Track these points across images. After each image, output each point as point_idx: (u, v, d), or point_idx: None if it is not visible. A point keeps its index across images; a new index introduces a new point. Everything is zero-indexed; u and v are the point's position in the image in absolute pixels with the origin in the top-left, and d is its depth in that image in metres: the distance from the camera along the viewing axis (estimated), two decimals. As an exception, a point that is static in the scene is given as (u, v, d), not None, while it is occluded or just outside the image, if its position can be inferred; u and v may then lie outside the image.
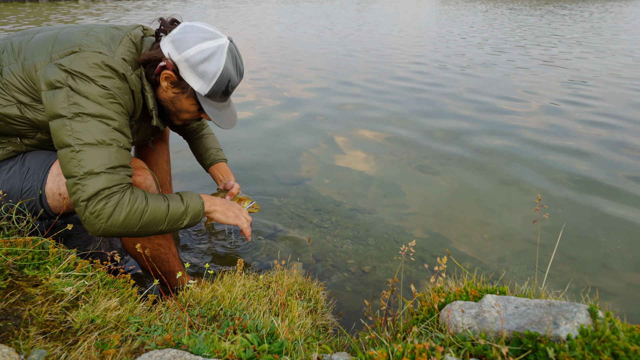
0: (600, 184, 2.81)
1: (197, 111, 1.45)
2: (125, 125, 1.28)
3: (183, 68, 1.31)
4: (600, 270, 2.00)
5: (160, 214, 1.27)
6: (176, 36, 1.31)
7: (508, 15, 17.04)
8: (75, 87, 1.18)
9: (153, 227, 1.28)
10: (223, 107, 1.45)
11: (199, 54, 1.29)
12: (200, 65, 1.30)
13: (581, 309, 0.84)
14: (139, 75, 1.34)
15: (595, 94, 5.10)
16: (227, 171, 1.94)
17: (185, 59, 1.29)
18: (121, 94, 1.26)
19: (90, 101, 1.19)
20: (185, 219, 1.34)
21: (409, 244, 1.20)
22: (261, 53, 7.86)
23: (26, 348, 0.87)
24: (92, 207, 1.17)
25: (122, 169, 1.23)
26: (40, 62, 1.24)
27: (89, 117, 1.18)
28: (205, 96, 1.37)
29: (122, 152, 1.24)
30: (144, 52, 1.35)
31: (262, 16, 15.53)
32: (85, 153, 1.17)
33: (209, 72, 1.31)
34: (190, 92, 1.36)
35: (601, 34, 11.27)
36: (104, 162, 1.19)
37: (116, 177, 1.21)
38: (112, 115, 1.23)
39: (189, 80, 1.33)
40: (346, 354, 1.00)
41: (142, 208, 1.23)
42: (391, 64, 6.97)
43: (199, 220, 1.39)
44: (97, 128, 1.19)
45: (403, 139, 3.65)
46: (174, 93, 1.38)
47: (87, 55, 1.21)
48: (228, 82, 1.36)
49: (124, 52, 1.30)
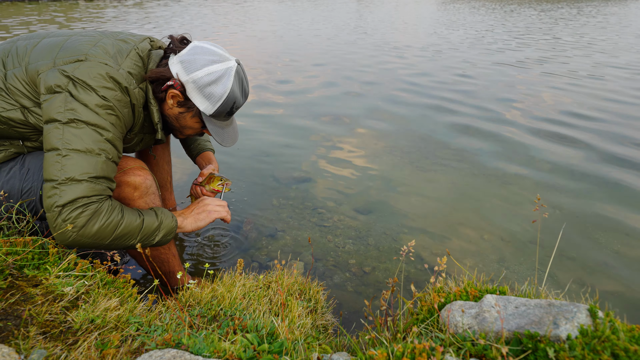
0: (600, 184, 2.81)
1: (201, 128, 1.48)
2: (118, 139, 1.28)
3: (190, 89, 1.33)
4: (600, 270, 2.00)
5: (134, 228, 1.26)
6: (185, 57, 1.33)
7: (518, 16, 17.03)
8: (75, 94, 1.18)
9: (125, 240, 1.26)
10: (226, 125, 1.48)
11: (207, 77, 1.31)
12: (207, 87, 1.32)
13: (581, 309, 0.84)
14: (144, 89, 1.35)
15: (591, 92, 5.10)
16: (210, 159, 1.94)
17: (193, 80, 1.31)
18: (120, 106, 1.26)
19: (87, 109, 1.19)
20: (157, 234, 1.33)
21: (408, 244, 1.20)
22: (261, 51, 7.87)
23: (26, 348, 0.87)
24: (67, 214, 1.14)
25: (105, 180, 1.22)
26: (43, 67, 1.24)
27: (83, 124, 1.18)
28: (210, 116, 1.40)
29: (109, 164, 1.23)
30: (151, 67, 1.37)
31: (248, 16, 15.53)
32: (72, 159, 1.16)
33: (215, 94, 1.34)
34: (195, 112, 1.39)
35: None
36: (89, 170, 1.17)
37: (97, 187, 1.19)
38: (107, 126, 1.22)
39: (195, 101, 1.35)
40: (346, 354, 1.00)
41: (117, 221, 1.22)
42: (390, 65, 6.97)
43: (171, 238, 1.39)
44: (89, 136, 1.18)
45: (403, 139, 3.65)
46: (179, 111, 1.41)
47: (93, 65, 1.22)
48: (233, 103, 1.39)
49: (130, 66, 1.30)
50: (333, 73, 6.28)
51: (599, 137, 3.68)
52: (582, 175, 2.95)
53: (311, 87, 5.47)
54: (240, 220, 2.35)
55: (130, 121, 1.34)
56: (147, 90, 1.36)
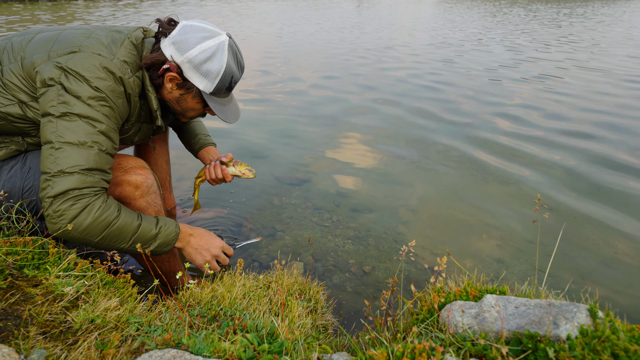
0: (601, 184, 2.81)
1: (203, 108, 1.47)
2: (113, 130, 1.27)
3: (187, 69, 1.32)
4: (601, 270, 2.00)
5: (128, 231, 1.25)
6: (177, 38, 1.32)
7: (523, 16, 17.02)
8: (68, 86, 1.18)
9: (115, 242, 1.25)
10: (227, 102, 1.47)
11: (201, 54, 1.30)
12: (203, 65, 1.31)
13: (581, 309, 0.84)
14: (140, 77, 1.34)
15: (580, 92, 5.10)
16: (216, 152, 1.93)
17: (188, 60, 1.31)
18: (114, 97, 1.25)
19: (80, 101, 1.19)
20: (152, 243, 1.31)
21: (409, 244, 1.20)
22: (262, 50, 7.87)
23: (26, 348, 0.87)
24: (57, 206, 1.15)
25: (98, 172, 1.22)
26: (38, 60, 1.24)
27: (76, 117, 1.18)
28: (210, 94, 1.39)
29: (103, 156, 1.23)
30: (145, 54, 1.36)
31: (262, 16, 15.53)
32: (64, 151, 1.16)
33: (212, 71, 1.33)
34: (195, 92, 1.38)
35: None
36: (80, 162, 1.17)
37: (89, 179, 1.19)
38: (100, 118, 1.22)
39: (194, 81, 1.34)
40: (346, 354, 1.00)
41: (111, 220, 1.21)
42: (389, 67, 6.97)
43: (167, 250, 1.37)
44: (81, 128, 1.19)
45: (404, 139, 3.65)
46: (179, 94, 1.40)
47: (86, 56, 1.22)
48: (231, 77, 1.38)
49: (125, 54, 1.30)
50: (333, 73, 6.28)
51: (600, 136, 3.69)
52: (583, 175, 2.95)
53: (311, 87, 5.47)
54: (241, 220, 2.35)
55: (125, 112, 1.33)
56: (143, 78, 1.35)
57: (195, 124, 1.99)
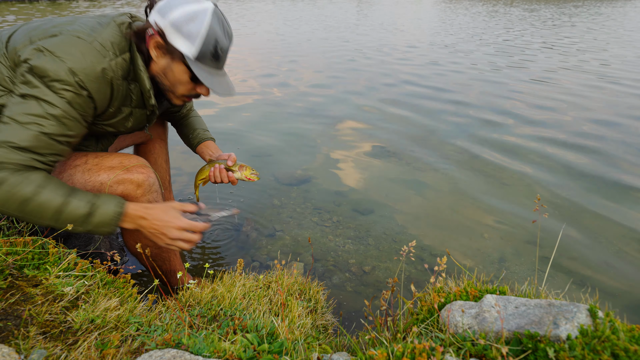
0: (601, 184, 2.81)
1: (191, 80, 1.41)
2: (71, 118, 1.24)
3: (169, 32, 1.30)
4: (600, 270, 2.00)
5: (48, 209, 1.19)
6: (161, 4, 1.31)
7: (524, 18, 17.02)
8: (36, 64, 1.17)
9: (36, 218, 1.20)
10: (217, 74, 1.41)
11: (183, 16, 1.28)
12: (185, 25, 1.28)
13: (581, 309, 0.84)
14: (127, 59, 1.33)
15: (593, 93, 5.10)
16: (215, 148, 1.90)
17: (170, 22, 1.28)
18: (89, 80, 1.23)
19: (41, 82, 1.17)
20: (86, 223, 1.23)
21: (409, 244, 1.20)
22: (265, 50, 7.87)
23: (26, 348, 0.87)
24: None
25: (29, 153, 1.18)
26: (20, 45, 1.25)
27: (32, 98, 1.17)
28: (196, 59, 1.34)
29: (42, 139, 1.19)
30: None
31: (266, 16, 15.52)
32: (7, 126, 1.15)
33: (193, 31, 1.29)
34: (179, 56, 1.34)
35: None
36: (12, 140, 1.15)
37: (15, 156, 1.15)
38: (57, 102, 1.19)
39: (176, 43, 1.30)
40: (346, 354, 1.00)
41: (26, 197, 1.16)
42: (389, 67, 6.97)
43: (109, 230, 1.28)
44: (30, 109, 1.17)
45: (404, 139, 3.65)
46: (165, 62, 1.36)
47: (65, 38, 1.21)
48: (216, 42, 1.33)
49: (110, 35, 1.29)
50: (334, 73, 6.28)
51: (600, 136, 3.69)
52: (582, 175, 2.95)
53: (311, 87, 5.47)
54: (241, 220, 2.35)
55: (105, 96, 1.31)
56: (133, 59, 1.34)
57: (194, 120, 1.97)
